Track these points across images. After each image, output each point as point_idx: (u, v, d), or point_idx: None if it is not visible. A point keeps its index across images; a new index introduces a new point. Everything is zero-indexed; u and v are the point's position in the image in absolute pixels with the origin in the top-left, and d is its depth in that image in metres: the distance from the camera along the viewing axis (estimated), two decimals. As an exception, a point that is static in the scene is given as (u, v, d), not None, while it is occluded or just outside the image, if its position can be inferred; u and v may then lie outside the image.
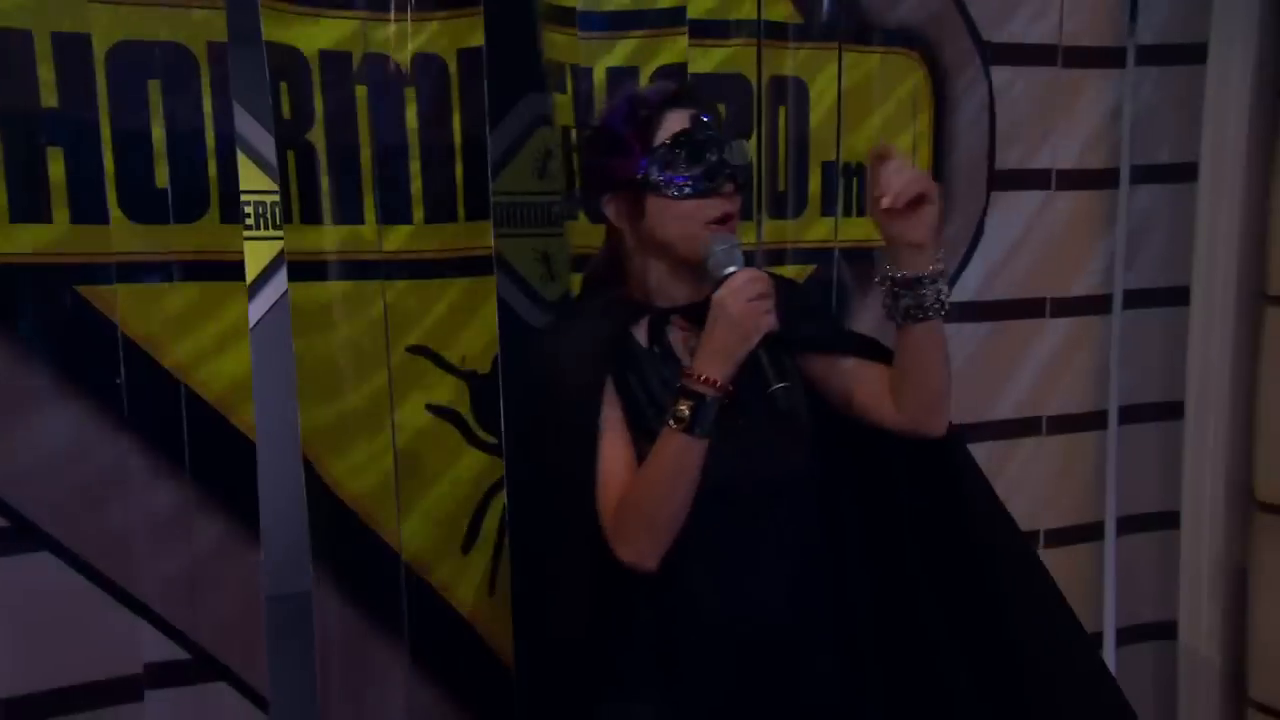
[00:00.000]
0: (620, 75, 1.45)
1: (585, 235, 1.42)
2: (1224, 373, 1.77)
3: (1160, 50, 1.81)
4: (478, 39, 1.24)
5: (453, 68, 1.25)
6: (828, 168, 1.65)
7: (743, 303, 1.01)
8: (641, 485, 1.08)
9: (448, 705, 1.31)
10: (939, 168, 1.73)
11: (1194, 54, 1.78)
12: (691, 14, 1.45)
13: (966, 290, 1.75)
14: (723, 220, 1.08)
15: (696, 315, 1.11)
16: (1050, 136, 1.78)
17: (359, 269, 1.24)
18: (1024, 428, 1.85)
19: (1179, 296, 1.81)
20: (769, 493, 1.16)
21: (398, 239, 1.25)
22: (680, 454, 1.03)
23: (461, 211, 1.28)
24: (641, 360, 1.14)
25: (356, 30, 1.22)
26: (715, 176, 1.08)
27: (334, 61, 1.21)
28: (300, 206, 1.21)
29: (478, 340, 1.29)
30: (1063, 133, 1.79)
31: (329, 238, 1.23)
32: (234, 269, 1.20)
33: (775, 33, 1.56)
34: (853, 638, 1.23)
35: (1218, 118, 1.75)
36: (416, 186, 1.25)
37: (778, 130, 1.60)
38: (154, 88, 1.15)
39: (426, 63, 1.24)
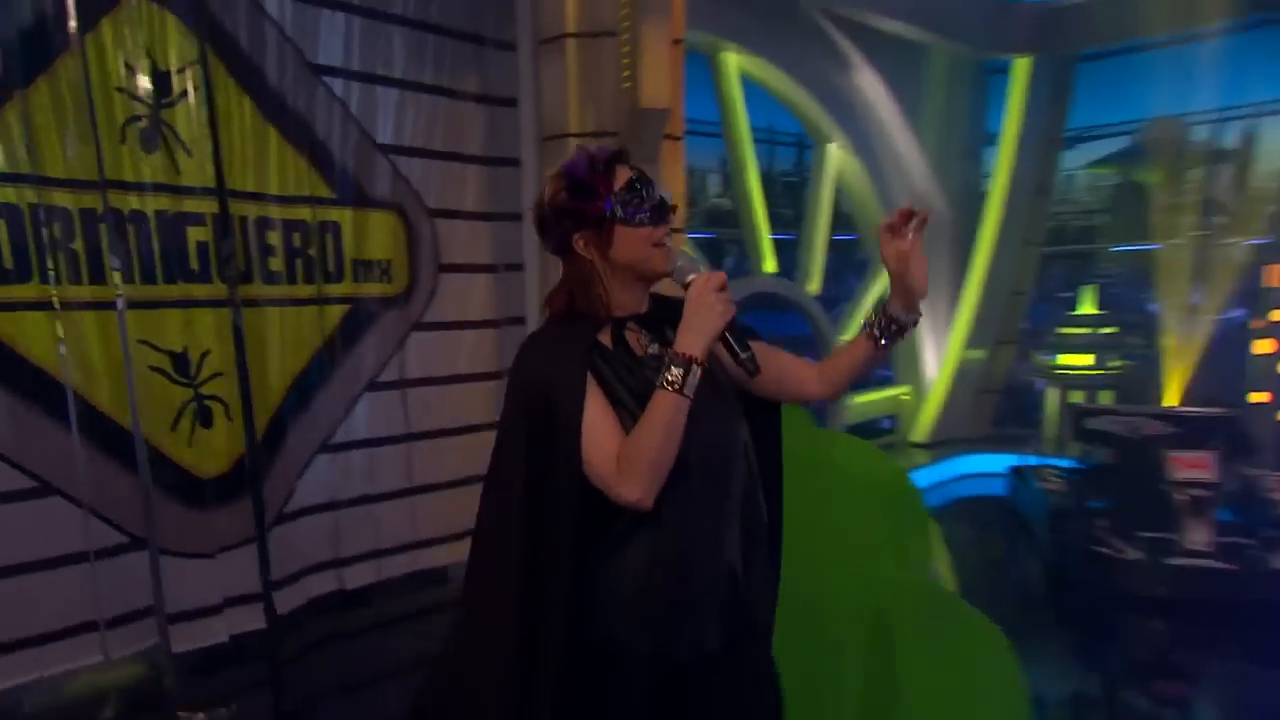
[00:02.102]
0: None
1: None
2: (537, 309, 3.75)
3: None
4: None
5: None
6: (356, 263, 3.29)
7: (712, 294, 1.19)
8: (641, 436, 1.19)
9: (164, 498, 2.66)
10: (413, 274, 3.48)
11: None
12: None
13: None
14: (662, 242, 1.27)
15: (644, 320, 1.33)
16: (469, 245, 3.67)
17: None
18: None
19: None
20: (729, 450, 1.33)
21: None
22: (673, 410, 1.17)
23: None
24: (609, 357, 1.29)
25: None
26: (662, 210, 1.28)
27: (136, 215, 2.58)
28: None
29: (179, 337, 2.67)
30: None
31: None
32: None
33: (328, 200, 3.17)
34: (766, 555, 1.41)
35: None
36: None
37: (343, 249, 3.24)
38: (57, 227, 2.40)
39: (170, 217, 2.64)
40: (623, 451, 1.20)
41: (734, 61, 5.49)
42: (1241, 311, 6.07)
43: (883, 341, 1.32)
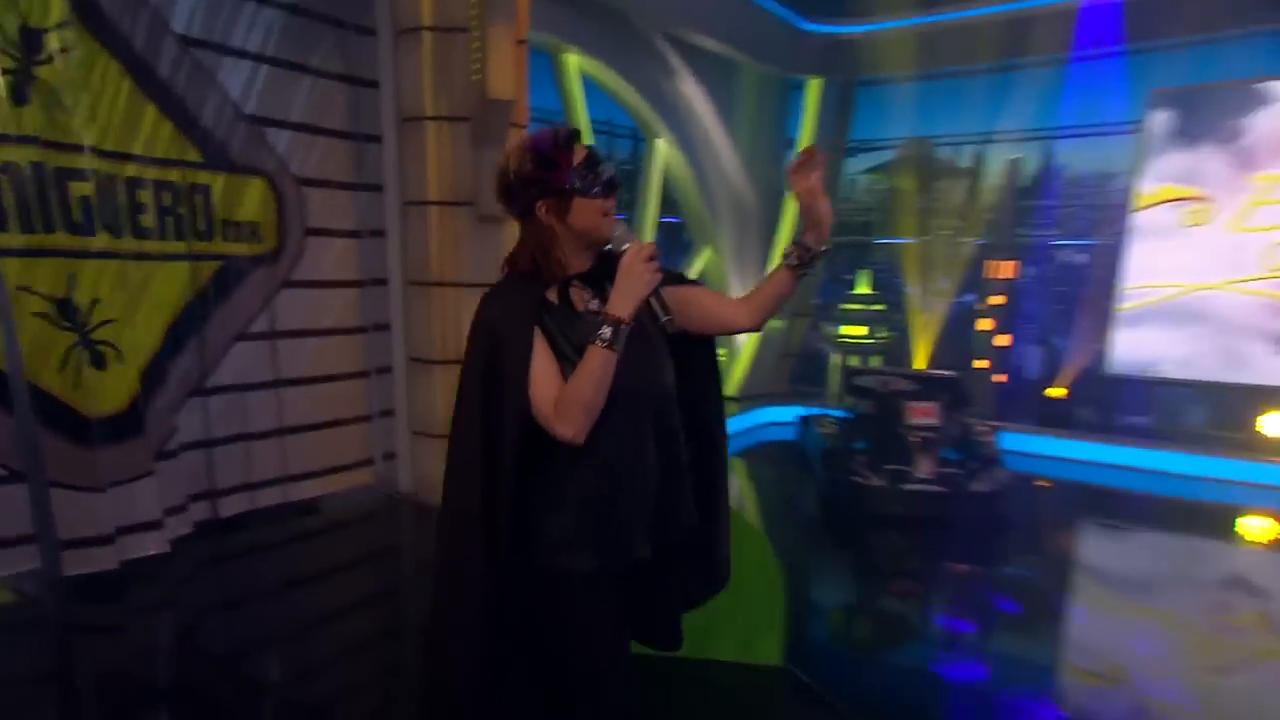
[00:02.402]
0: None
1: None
2: (398, 271, 4.13)
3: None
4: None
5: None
6: (225, 224, 3.44)
7: (641, 264, 1.29)
8: (577, 384, 1.29)
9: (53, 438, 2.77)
10: (281, 236, 3.68)
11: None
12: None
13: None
14: (610, 213, 1.36)
15: (588, 279, 1.42)
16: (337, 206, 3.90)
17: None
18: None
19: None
20: (653, 395, 1.42)
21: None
22: (603, 363, 1.27)
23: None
24: (554, 311, 1.38)
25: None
26: (611, 183, 1.38)
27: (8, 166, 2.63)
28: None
29: (62, 285, 2.77)
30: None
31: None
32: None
33: (197, 164, 3.31)
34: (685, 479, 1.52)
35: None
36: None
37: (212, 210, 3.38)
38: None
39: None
40: (560, 396, 1.31)
41: (575, 62, 5.83)
42: (971, 296, 7.36)
43: (801, 271, 1.44)
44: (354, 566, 3.57)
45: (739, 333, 1.57)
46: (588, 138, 4.59)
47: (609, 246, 1.37)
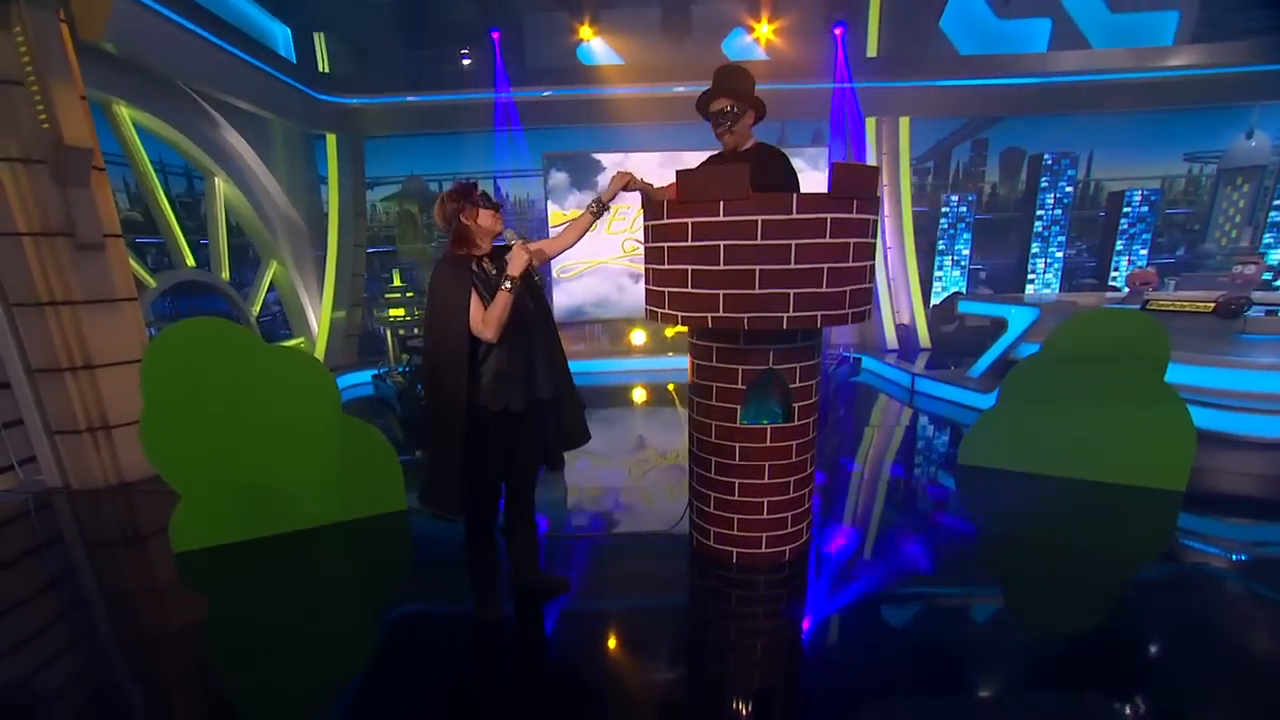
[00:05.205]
0: None
1: None
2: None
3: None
4: None
5: None
6: None
7: (524, 253, 2.06)
8: (495, 312, 2.00)
9: None
10: None
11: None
12: None
13: None
14: (499, 218, 2.10)
15: (490, 257, 2.15)
16: None
17: None
18: None
19: None
20: (529, 319, 2.10)
21: None
22: (506, 299, 2.01)
23: None
24: (477, 275, 2.05)
25: None
26: (496, 202, 2.13)
27: None
28: None
29: None
30: None
31: None
32: None
33: None
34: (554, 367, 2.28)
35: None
36: None
37: None
38: None
39: None
40: (485, 318, 2.06)
41: (126, 113, 5.63)
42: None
43: (597, 216, 2.40)
44: (18, 559, 3.48)
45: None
46: (154, 179, 5.90)
47: (504, 241, 2.17)
